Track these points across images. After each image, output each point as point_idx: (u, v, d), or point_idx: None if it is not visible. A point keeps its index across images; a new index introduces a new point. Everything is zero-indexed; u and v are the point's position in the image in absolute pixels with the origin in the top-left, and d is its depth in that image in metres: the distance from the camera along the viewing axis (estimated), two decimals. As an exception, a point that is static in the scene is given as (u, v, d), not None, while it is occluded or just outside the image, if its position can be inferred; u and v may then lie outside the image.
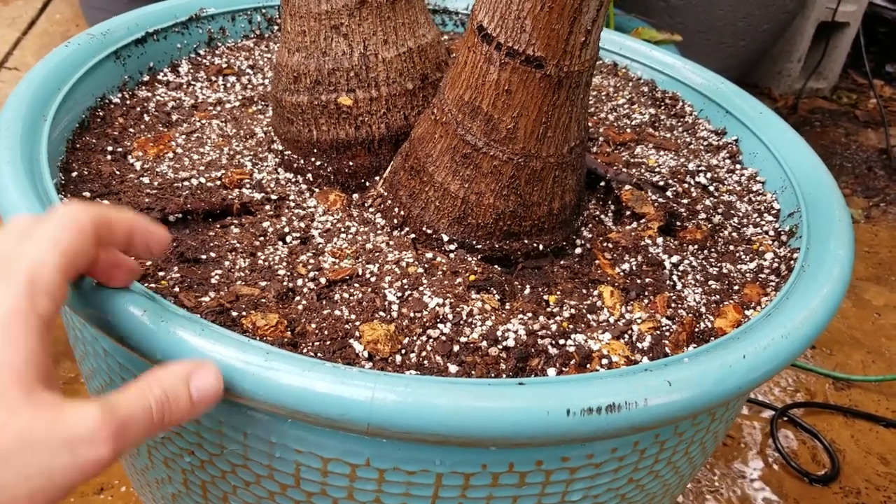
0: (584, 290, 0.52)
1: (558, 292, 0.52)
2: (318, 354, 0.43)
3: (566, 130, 0.50)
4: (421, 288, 0.49)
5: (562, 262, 0.55)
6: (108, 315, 0.39)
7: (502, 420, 0.37)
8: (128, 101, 0.66)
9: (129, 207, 0.53)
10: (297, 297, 0.48)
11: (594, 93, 0.79)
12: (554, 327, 0.48)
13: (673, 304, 0.52)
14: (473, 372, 0.44)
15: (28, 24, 1.92)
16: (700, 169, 0.67)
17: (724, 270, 0.56)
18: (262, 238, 0.53)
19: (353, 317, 0.46)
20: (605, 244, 0.57)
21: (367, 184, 0.60)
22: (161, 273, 0.47)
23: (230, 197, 0.56)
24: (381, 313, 0.47)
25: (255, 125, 0.66)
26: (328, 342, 0.44)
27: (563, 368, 0.45)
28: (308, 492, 0.43)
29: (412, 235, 0.55)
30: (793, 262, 0.55)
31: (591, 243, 0.57)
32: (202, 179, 0.57)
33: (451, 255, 0.54)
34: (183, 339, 0.38)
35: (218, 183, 0.57)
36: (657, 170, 0.66)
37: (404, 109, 0.58)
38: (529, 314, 0.49)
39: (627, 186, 0.60)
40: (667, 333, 0.49)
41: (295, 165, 0.60)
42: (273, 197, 0.57)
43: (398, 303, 0.48)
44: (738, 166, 0.69)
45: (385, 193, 0.57)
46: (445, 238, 0.54)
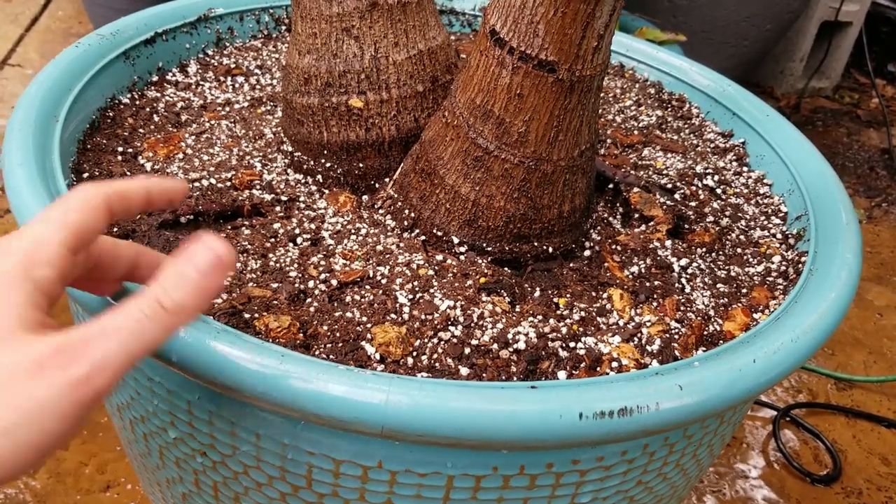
0: (593, 293, 0.53)
1: (568, 295, 0.52)
2: (331, 356, 0.44)
3: (577, 134, 0.50)
4: (432, 290, 0.49)
5: (571, 265, 0.55)
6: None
7: (516, 423, 0.37)
8: (137, 102, 0.66)
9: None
10: (309, 299, 0.48)
11: (601, 94, 0.79)
12: (564, 330, 0.48)
13: (682, 307, 0.52)
14: (484, 374, 0.44)
15: (31, 21, 1.91)
16: (707, 171, 0.67)
17: (733, 273, 0.56)
18: (272, 239, 0.53)
19: (364, 319, 0.46)
20: (613, 247, 0.57)
21: (376, 185, 0.60)
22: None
23: (241, 198, 0.56)
24: (393, 315, 0.47)
25: (264, 126, 0.66)
26: (340, 344, 0.45)
27: (574, 371, 0.45)
28: (320, 493, 0.44)
29: (422, 237, 0.55)
30: (801, 265, 0.55)
31: (600, 246, 0.57)
32: (212, 180, 0.57)
33: (462, 257, 0.54)
34: (199, 342, 0.38)
35: (228, 184, 0.57)
36: (665, 172, 0.66)
37: (414, 112, 0.58)
38: (540, 317, 0.49)
39: (636, 189, 0.61)
40: (676, 336, 0.49)
41: (305, 167, 0.60)
42: (283, 198, 0.57)
43: (409, 305, 0.48)
44: (745, 169, 0.70)
45: (395, 195, 0.57)
46: (456, 240, 0.54)
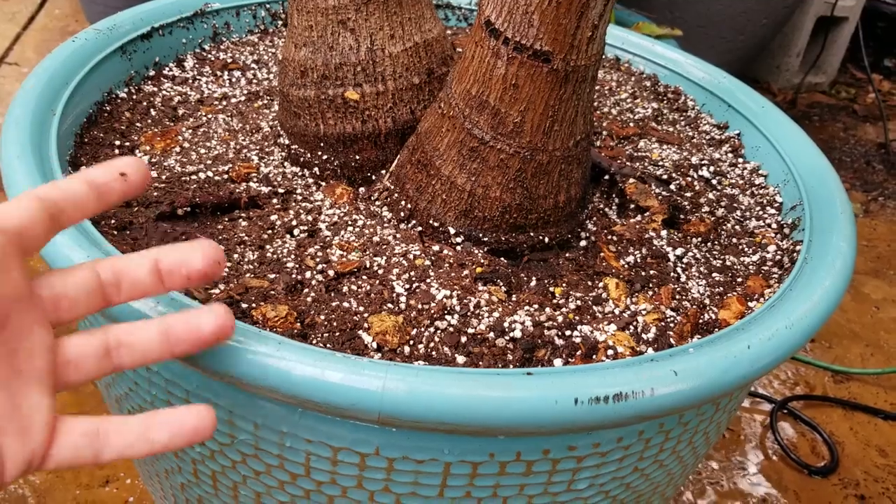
0: (589, 282, 0.53)
1: (564, 284, 0.52)
2: (328, 346, 0.44)
3: (572, 124, 0.51)
4: (428, 280, 0.50)
5: (567, 255, 0.55)
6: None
7: (512, 409, 0.38)
8: (134, 96, 0.67)
9: (137, 201, 0.53)
10: (306, 290, 0.48)
11: (597, 87, 0.80)
12: (560, 318, 0.49)
13: (677, 296, 0.52)
14: (481, 363, 0.44)
15: (28, 20, 1.91)
16: (703, 163, 0.67)
17: (728, 263, 0.57)
18: (270, 231, 0.53)
19: (361, 308, 0.47)
20: (609, 237, 0.57)
21: (373, 177, 0.60)
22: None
23: (238, 191, 0.56)
24: (390, 305, 0.47)
25: (260, 119, 0.66)
26: (337, 333, 0.45)
27: (570, 359, 0.46)
28: (318, 481, 0.44)
29: (419, 228, 0.56)
30: (795, 254, 0.55)
31: (595, 236, 0.57)
32: (209, 173, 0.58)
33: (458, 247, 0.54)
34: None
35: (225, 177, 0.58)
36: (661, 163, 0.66)
37: (410, 104, 0.58)
38: (536, 306, 0.49)
39: (631, 180, 0.61)
40: (671, 325, 0.49)
41: (301, 159, 0.61)
42: (280, 190, 0.57)
43: (406, 295, 0.48)
44: (740, 160, 0.70)
45: (392, 187, 0.58)
46: (452, 231, 0.54)
